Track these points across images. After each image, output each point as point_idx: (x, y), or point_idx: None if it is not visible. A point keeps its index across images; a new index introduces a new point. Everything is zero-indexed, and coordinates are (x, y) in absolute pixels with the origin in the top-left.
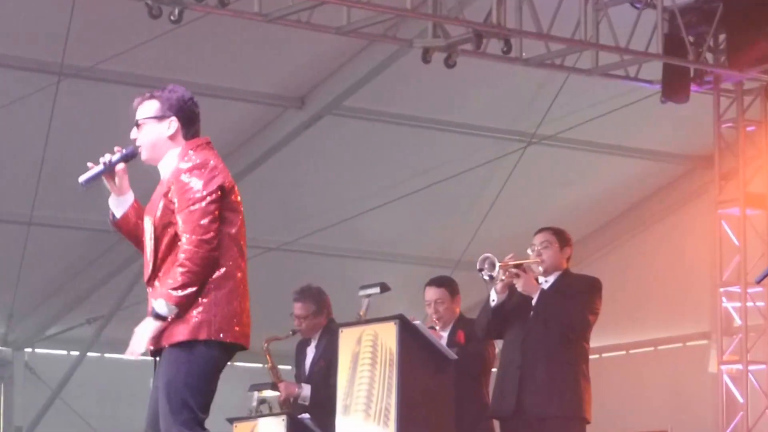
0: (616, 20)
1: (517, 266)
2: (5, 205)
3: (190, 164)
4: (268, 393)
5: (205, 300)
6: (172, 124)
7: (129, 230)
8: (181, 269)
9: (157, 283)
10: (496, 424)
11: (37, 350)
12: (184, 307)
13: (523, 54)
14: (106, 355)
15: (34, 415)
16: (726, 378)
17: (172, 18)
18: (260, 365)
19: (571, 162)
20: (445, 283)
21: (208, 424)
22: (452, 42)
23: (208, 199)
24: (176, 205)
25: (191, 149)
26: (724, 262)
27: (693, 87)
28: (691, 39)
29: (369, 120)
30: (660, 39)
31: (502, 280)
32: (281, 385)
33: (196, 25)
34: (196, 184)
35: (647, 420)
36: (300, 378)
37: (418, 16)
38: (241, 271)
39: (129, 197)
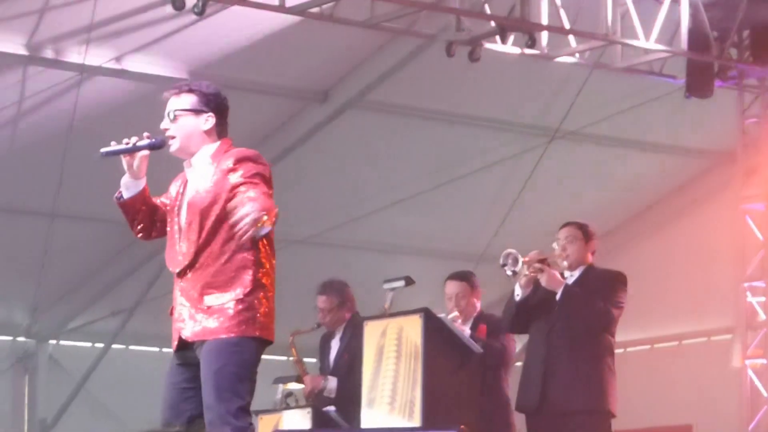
0: (640, 15)
1: (540, 261)
2: (29, 197)
3: (242, 156)
4: (294, 386)
5: (251, 297)
6: (210, 119)
7: (132, 213)
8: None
9: (189, 274)
10: (520, 418)
11: (62, 342)
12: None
13: (547, 49)
14: (131, 347)
15: (58, 406)
16: (750, 372)
17: (195, 10)
18: (285, 358)
19: (595, 157)
20: (466, 277)
21: None
22: (476, 36)
23: (269, 184)
24: (240, 179)
25: (229, 147)
26: (748, 257)
27: (717, 82)
28: (715, 34)
29: (392, 114)
30: (684, 34)
31: (525, 275)
32: (307, 379)
33: (219, 18)
34: (258, 168)
35: (671, 414)
36: (324, 371)
37: (442, 10)
38: (273, 270)
39: (142, 182)
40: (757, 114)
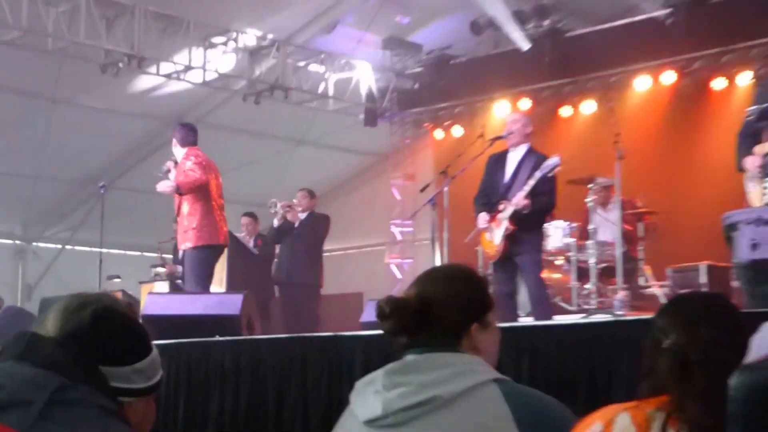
0: (342, 84)
1: (288, 206)
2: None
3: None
4: (160, 269)
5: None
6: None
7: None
8: None
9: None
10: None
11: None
12: None
13: (291, 98)
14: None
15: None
16: (394, 268)
17: None
18: (155, 255)
19: (323, 154)
20: (252, 214)
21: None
22: (258, 91)
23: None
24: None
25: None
26: (394, 207)
27: (379, 119)
28: (377, 95)
29: (221, 131)
30: (363, 95)
31: (280, 213)
32: (168, 266)
33: None
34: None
35: (353, 287)
36: (176, 262)
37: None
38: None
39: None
40: (399, 134)
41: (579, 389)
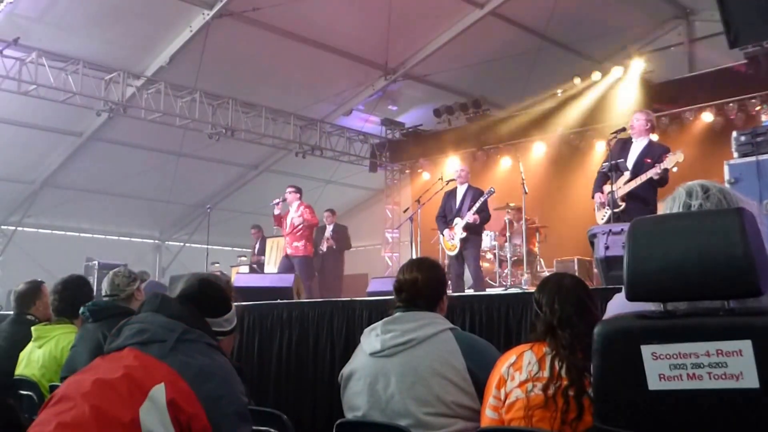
0: (358, 145)
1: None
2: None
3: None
4: (242, 258)
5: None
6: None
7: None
8: None
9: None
10: None
11: None
12: None
13: (325, 154)
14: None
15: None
16: (386, 258)
17: None
18: (239, 249)
19: (343, 189)
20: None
21: None
22: (300, 151)
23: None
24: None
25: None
26: (386, 221)
27: (378, 167)
28: (377, 151)
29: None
30: (368, 151)
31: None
32: (253, 257)
33: None
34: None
35: (356, 268)
36: (258, 253)
37: (288, 141)
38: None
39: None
40: (390, 177)
41: (500, 334)
